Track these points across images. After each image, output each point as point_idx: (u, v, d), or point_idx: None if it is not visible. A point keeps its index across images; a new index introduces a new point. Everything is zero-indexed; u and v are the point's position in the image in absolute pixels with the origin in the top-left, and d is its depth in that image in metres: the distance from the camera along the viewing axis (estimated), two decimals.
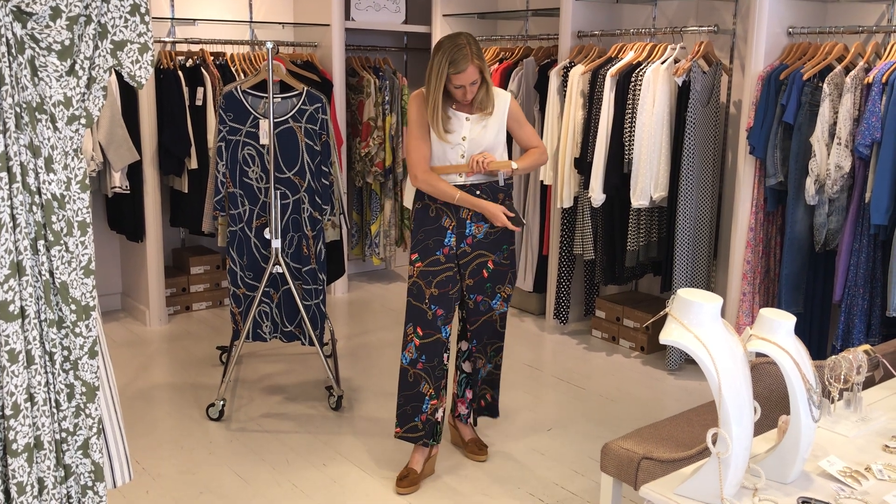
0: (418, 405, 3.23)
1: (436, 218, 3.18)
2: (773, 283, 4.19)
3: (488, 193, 3.17)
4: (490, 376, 3.49)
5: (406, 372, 3.23)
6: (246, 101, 3.79)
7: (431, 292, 3.18)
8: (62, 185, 1.86)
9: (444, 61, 2.99)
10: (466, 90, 3.04)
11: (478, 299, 3.28)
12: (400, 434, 3.27)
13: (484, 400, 3.54)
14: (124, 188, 4.80)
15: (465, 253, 3.21)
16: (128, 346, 4.81)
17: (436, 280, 3.17)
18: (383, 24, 5.91)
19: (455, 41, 3.00)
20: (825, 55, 3.82)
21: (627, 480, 2.48)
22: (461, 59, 2.97)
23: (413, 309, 3.21)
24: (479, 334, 3.36)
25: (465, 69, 2.98)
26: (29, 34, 1.79)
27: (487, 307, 3.30)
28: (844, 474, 1.87)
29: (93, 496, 2.02)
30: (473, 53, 2.99)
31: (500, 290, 3.30)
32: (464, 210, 3.15)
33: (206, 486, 3.27)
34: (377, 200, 5.98)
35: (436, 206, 3.17)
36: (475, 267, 3.23)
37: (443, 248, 3.18)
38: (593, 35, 4.86)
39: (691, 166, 4.27)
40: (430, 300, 3.18)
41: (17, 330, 1.83)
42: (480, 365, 3.43)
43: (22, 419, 1.86)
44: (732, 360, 1.75)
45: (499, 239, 3.25)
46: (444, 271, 3.18)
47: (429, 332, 3.19)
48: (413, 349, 3.21)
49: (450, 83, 3.03)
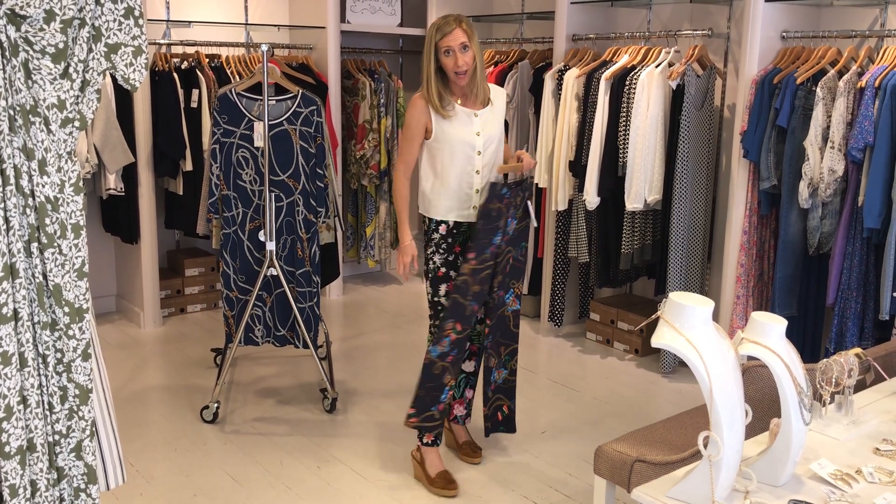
0: (438, 395, 3.21)
1: (497, 217, 3.15)
2: (766, 286, 4.20)
3: (523, 190, 3.22)
4: (506, 384, 3.40)
5: (432, 364, 3.18)
6: (241, 103, 3.79)
7: (474, 289, 3.16)
8: (56, 187, 1.87)
9: (433, 31, 3.09)
10: (457, 55, 3.06)
11: (501, 294, 3.27)
12: (416, 423, 3.24)
13: (500, 413, 3.43)
14: (119, 190, 4.80)
15: (503, 250, 3.22)
16: (122, 348, 4.80)
17: (479, 277, 3.16)
18: (379, 27, 5.91)
19: (444, 17, 3.12)
20: (819, 59, 3.83)
21: (620, 483, 2.49)
22: (446, 24, 3.07)
23: (457, 305, 3.16)
24: (494, 331, 3.31)
25: (452, 31, 3.05)
26: (23, 37, 1.79)
27: (501, 301, 3.28)
28: (835, 477, 1.88)
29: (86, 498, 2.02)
30: (461, 20, 3.08)
31: (513, 285, 3.30)
32: (511, 208, 3.17)
33: (199, 488, 3.26)
34: (372, 203, 5.98)
35: (499, 206, 3.13)
36: (505, 262, 3.24)
37: (491, 247, 3.17)
38: (588, 38, 4.87)
39: (685, 170, 4.29)
40: (473, 297, 3.17)
41: (10, 332, 1.83)
42: (493, 365, 3.35)
43: (15, 421, 1.86)
44: (724, 364, 1.76)
45: (520, 235, 3.27)
46: (487, 268, 3.18)
47: (466, 327, 3.19)
48: (447, 343, 3.17)
49: (440, 53, 3.08)
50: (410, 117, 3.18)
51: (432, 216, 3.22)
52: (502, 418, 3.44)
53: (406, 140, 3.21)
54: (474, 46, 3.09)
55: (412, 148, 3.21)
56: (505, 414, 3.44)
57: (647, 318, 4.61)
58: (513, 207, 3.18)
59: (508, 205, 3.16)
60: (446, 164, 3.16)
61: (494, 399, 3.41)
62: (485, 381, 3.39)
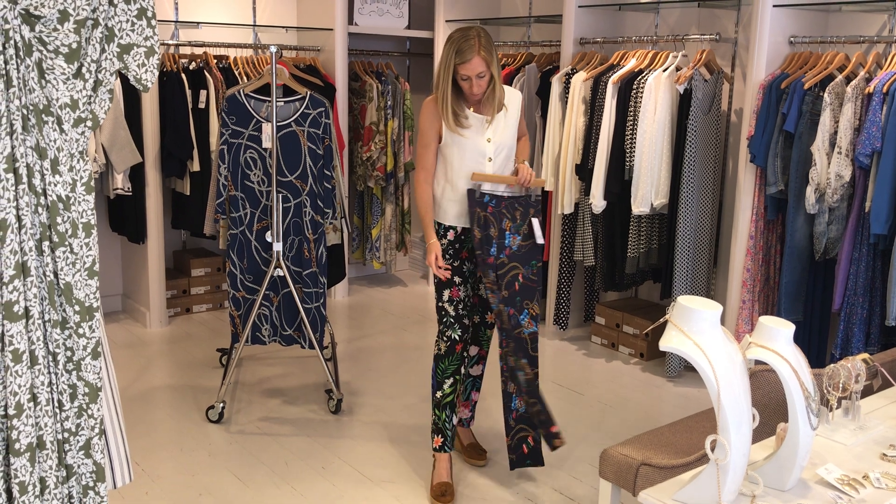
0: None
1: (485, 226, 3.11)
2: (772, 291, 4.20)
3: (524, 207, 3.19)
4: (529, 412, 3.24)
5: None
6: (249, 104, 3.81)
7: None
8: (68, 186, 1.88)
9: (451, 51, 2.99)
10: (473, 82, 3.01)
11: (510, 312, 3.17)
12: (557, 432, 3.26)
13: (526, 445, 3.27)
14: (126, 190, 4.82)
15: (504, 264, 3.15)
16: (128, 347, 4.82)
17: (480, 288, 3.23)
18: (386, 29, 5.93)
19: (465, 32, 3.00)
20: (826, 65, 3.83)
21: (626, 486, 2.49)
22: (467, 50, 2.96)
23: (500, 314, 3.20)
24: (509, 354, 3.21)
25: (471, 59, 2.96)
26: (37, 37, 1.80)
27: (516, 322, 3.19)
28: (842, 482, 1.88)
29: (94, 496, 2.03)
30: (481, 45, 2.97)
31: (527, 306, 3.20)
32: (506, 220, 3.14)
33: (205, 488, 3.27)
34: (378, 204, 5.99)
35: (485, 214, 3.10)
36: (510, 279, 3.16)
37: (488, 258, 3.13)
38: (595, 42, 4.88)
39: (692, 174, 4.29)
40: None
41: (21, 330, 1.84)
42: (513, 391, 3.23)
43: (25, 419, 1.87)
44: (731, 368, 1.76)
45: (529, 253, 3.21)
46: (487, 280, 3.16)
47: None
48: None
49: (457, 75, 3.02)
50: (423, 122, 3.14)
51: (442, 221, 3.21)
52: (528, 451, 3.28)
53: (422, 146, 3.17)
54: (493, 69, 3.02)
55: (429, 153, 3.16)
56: (531, 446, 3.28)
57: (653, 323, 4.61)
58: (508, 220, 3.14)
59: (498, 216, 3.11)
60: (456, 170, 3.14)
61: (518, 430, 3.26)
62: (505, 407, 3.26)
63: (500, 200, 3.14)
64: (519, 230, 3.19)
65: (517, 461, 3.27)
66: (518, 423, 3.25)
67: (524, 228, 3.21)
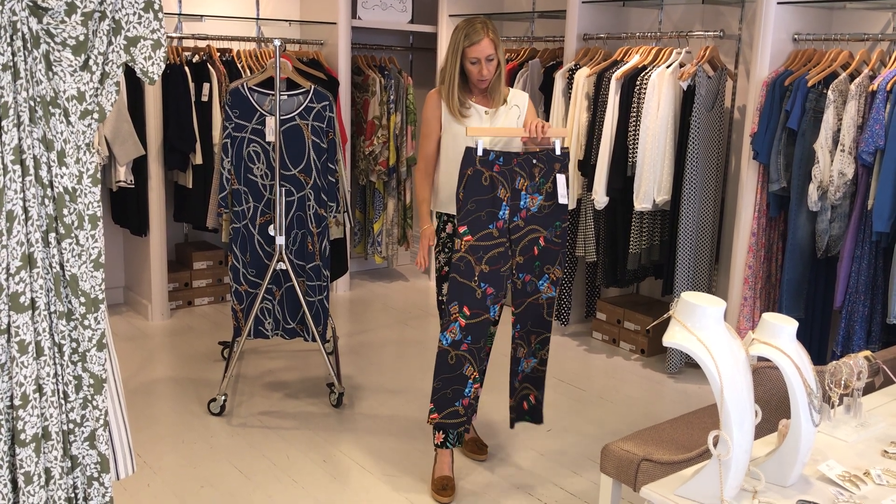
0: (460, 388, 3.04)
1: (490, 187, 2.93)
2: (774, 288, 4.20)
3: (545, 163, 3.01)
4: (535, 373, 3.22)
5: (446, 354, 3.00)
6: (252, 98, 3.81)
7: (482, 269, 2.96)
8: (74, 178, 1.88)
9: (460, 37, 3.06)
10: (482, 65, 3.06)
11: (526, 279, 3.04)
12: (437, 420, 3.08)
13: (527, 402, 3.26)
14: (129, 182, 4.82)
15: (518, 228, 2.99)
16: (130, 340, 4.82)
17: (487, 256, 2.95)
18: (390, 24, 5.92)
19: (472, 20, 3.09)
20: (830, 62, 3.83)
21: (627, 482, 2.50)
22: (475, 33, 3.04)
23: (459, 286, 2.96)
24: (523, 319, 3.14)
25: (480, 41, 3.04)
26: (44, 29, 1.80)
27: (534, 288, 3.08)
28: (843, 478, 1.89)
29: (98, 487, 2.04)
30: (490, 29, 3.06)
31: (548, 270, 3.07)
32: (519, 179, 2.97)
33: (206, 480, 3.28)
34: (380, 199, 6.00)
35: (490, 174, 2.93)
36: (527, 243, 3.01)
37: (496, 222, 2.96)
38: (599, 38, 4.87)
39: (695, 170, 4.29)
40: (481, 277, 2.96)
41: (27, 321, 1.84)
42: (522, 355, 3.18)
43: (30, 410, 1.87)
44: (734, 364, 1.77)
45: (552, 214, 3.04)
46: (496, 247, 2.97)
47: (477, 311, 2.99)
48: (457, 329, 2.98)
49: (465, 59, 3.07)
50: (426, 112, 3.20)
51: (440, 210, 3.23)
52: (528, 407, 3.25)
53: (424, 136, 3.23)
54: (499, 54, 3.10)
55: (430, 143, 3.22)
56: (531, 403, 3.24)
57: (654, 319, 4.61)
58: (523, 178, 2.95)
59: (508, 174, 2.94)
60: (451, 160, 3.17)
61: (521, 389, 3.22)
62: (511, 371, 3.21)
63: (511, 157, 2.96)
64: (540, 189, 2.98)
65: (517, 418, 3.26)
66: (523, 383, 3.20)
67: (547, 187, 2.99)
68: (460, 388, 3.05)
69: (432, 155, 3.23)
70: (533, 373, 3.22)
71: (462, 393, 3.06)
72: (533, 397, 3.26)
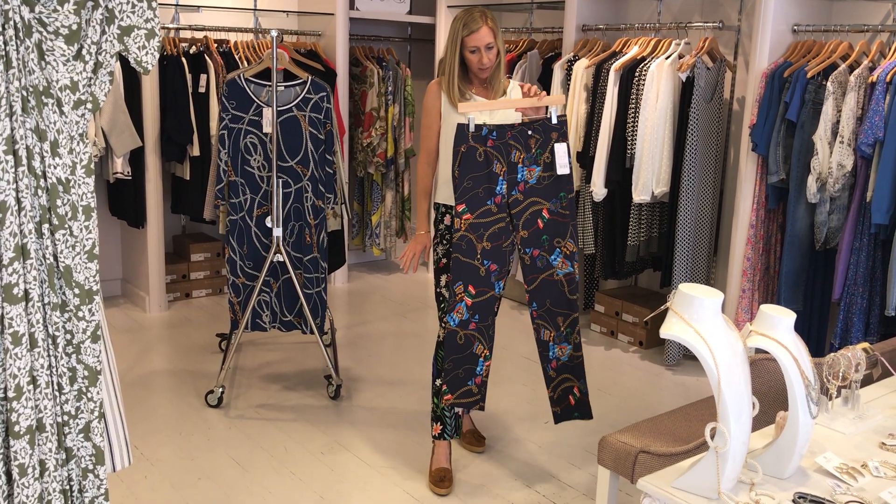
0: (472, 367, 2.99)
1: (485, 162, 2.89)
2: (772, 280, 4.20)
3: (541, 133, 2.95)
4: (572, 361, 3.06)
5: (454, 334, 2.95)
6: (249, 89, 3.79)
7: (483, 246, 2.91)
8: (67, 169, 1.87)
9: (459, 26, 3.05)
10: (482, 54, 3.04)
11: (534, 254, 2.97)
12: (452, 401, 3.01)
13: (572, 396, 3.07)
14: (126, 174, 4.81)
15: (518, 201, 2.94)
16: (127, 332, 4.82)
17: (488, 232, 2.90)
18: (387, 14, 5.90)
19: (470, 10, 3.08)
20: (829, 53, 3.82)
21: (624, 473, 2.50)
22: (473, 21, 3.03)
23: (462, 266, 2.91)
24: (540, 297, 3.02)
25: (479, 29, 3.02)
26: (37, 18, 1.79)
27: (545, 263, 2.99)
28: (841, 471, 1.89)
29: (93, 479, 2.03)
30: (488, 17, 3.05)
31: (559, 244, 2.98)
32: (515, 152, 2.91)
33: (204, 472, 3.28)
34: (378, 191, 5.98)
35: (484, 149, 2.89)
36: (529, 216, 2.95)
37: (494, 197, 2.91)
38: (598, 29, 4.86)
39: (693, 162, 4.28)
40: (483, 254, 2.92)
41: (20, 313, 1.83)
42: (549, 338, 3.03)
43: (24, 401, 1.86)
44: (732, 356, 1.76)
45: (554, 185, 2.96)
46: (496, 222, 2.93)
47: (482, 289, 2.93)
48: (464, 309, 2.93)
49: (465, 49, 3.06)
50: (426, 103, 3.18)
51: (439, 201, 3.22)
52: (575, 402, 3.07)
53: (425, 127, 3.21)
54: (499, 43, 3.08)
55: (430, 134, 3.19)
56: (577, 397, 3.07)
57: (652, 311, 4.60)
58: (518, 151, 2.90)
59: (504, 148, 2.89)
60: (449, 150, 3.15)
61: (561, 380, 3.07)
62: (542, 357, 3.07)
63: (505, 130, 2.91)
64: (537, 160, 2.92)
65: (562, 414, 3.10)
66: (560, 373, 3.07)
67: (545, 157, 2.94)
68: (472, 367, 3.01)
69: (434, 148, 3.19)
70: (570, 361, 3.07)
71: (474, 371, 3.01)
72: (577, 389, 3.09)
